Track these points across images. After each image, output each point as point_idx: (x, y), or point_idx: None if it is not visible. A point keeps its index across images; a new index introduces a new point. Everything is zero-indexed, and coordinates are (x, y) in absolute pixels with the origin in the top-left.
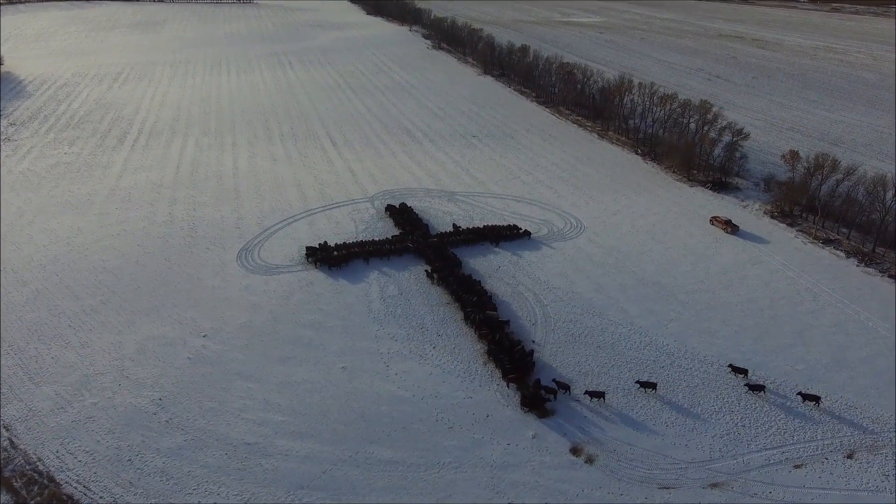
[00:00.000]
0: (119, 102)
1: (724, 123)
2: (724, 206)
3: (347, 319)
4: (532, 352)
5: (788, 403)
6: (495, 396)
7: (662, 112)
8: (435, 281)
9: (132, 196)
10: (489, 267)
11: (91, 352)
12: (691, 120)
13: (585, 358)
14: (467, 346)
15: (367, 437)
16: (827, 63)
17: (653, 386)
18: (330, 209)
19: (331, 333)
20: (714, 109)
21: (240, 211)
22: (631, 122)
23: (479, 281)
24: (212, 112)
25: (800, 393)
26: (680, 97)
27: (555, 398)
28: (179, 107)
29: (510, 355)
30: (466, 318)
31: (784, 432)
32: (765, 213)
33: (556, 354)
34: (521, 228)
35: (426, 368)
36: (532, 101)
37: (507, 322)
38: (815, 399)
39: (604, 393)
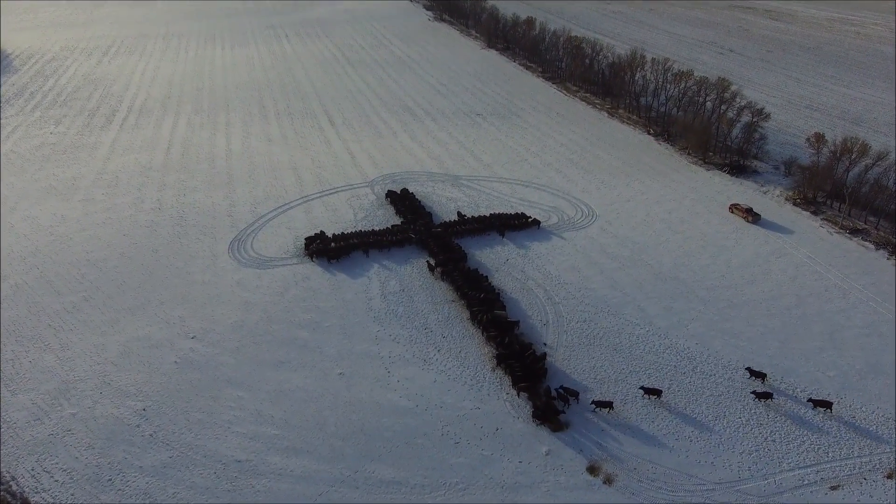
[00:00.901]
0: (108, 78)
1: (744, 103)
2: (743, 191)
3: (346, 318)
4: (544, 356)
5: (821, 415)
6: (505, 407)
7: (677, 90)
8: (437, 274)
9: (119, 180)
10: (496, 259)
11: (72, 355)
12: (707, 98)
13: (601, 363)
14: (474, 350)
15: (366, 453)
16: (843, 36)
17: (657, 393)
18: (327, 195)
19: (328, 334)
20: (733, 88)
21: (232, 197)
22: (643, 99)
23: (486, 276)
24: (205, 88)
25: (810, 399)
26: (696, 74)
27: (568, 406)
28: (171, 83)
29: (520, 360)
30: (473, 318)
31: (818, 448)
32: (786, 199)
33: (569, 359)
34: (529, 217)
35: (430, 375)
36: (538, 76)
37: (517, 323)
38: (827, 405)
39: (612, 403)
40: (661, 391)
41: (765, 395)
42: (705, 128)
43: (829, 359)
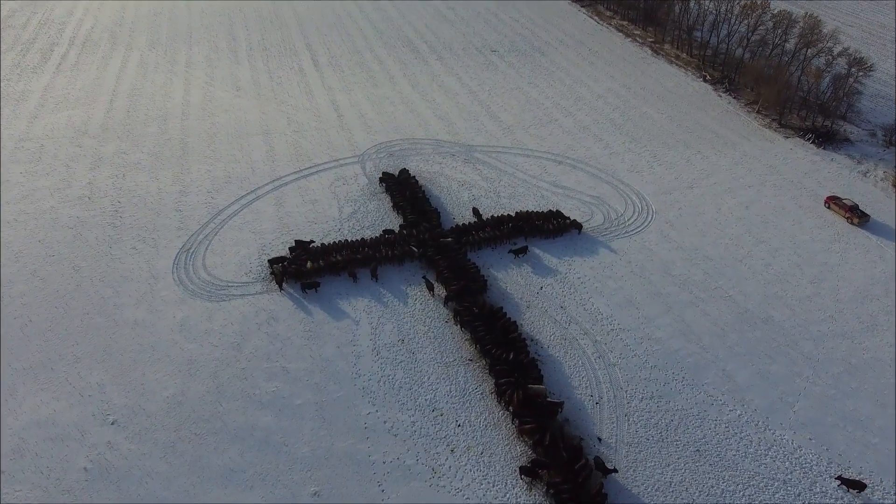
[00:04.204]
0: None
1: (839, 49)
2: (837, 172)
3: (325, 391)
4: (602, 464)
5: None
6: None
7: (745, 25)
8: (449, 307)
9: (44, 152)
10: (525, 287)
11: None
12: (787, 40)
13: (679, 475)
14: (502, 449)
15: None
16: None
17: None
18: (306, 176)
19: (299, 420)
20: (825, 29)
21: (184, 179)
22: (696, 33)
23: (515, 322)
24: (164, 12)
25: (839, 477)
26: (773, 7)
27: None
28: (125, 5)
29: (570, 474)
30: (499, 395)
31: None
32: (893, 184)
33: (634, 466)
34: (567, 217)
35: (442, 497)
36: None
37: (561, 405)
38: (859, 486)
39: None
40: None
41: None
42: (784, 79)
43: None
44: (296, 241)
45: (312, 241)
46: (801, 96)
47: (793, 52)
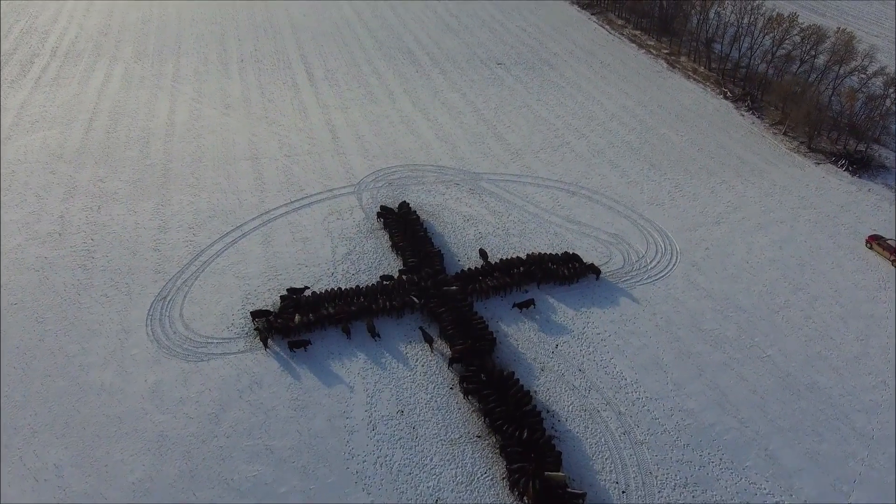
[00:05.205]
0: (35, 4)
1: (875, 68)
2: (875, 204)
3: (314, 476)
4: None
5: None
6: None
7: (771, 40)
8: (435, 349)
9: (15, 178)
10: (538, 345)
11: None
12: (817, 56)
13: None
14: None
15: None
16: None
17: None
18: (297, 209)
19: None
20: (861, 47)
21: (164, 212)
22: (716, 46)
23: (529, 391)
24: (153, 18)
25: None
26: (801, 20)
27: None
28: (112, 10)
29: None
30: (513, 483)
31: None
32: None
33: None
34: (583, 261)
35: None
36: (572, 2)
37: (584, 496)
38: None
39: None
40: None
41: None
42: (815, 99)
43: None
44: (288, 289)
45: (307, 288)
46: (831, 117)
47: (822, 70)
